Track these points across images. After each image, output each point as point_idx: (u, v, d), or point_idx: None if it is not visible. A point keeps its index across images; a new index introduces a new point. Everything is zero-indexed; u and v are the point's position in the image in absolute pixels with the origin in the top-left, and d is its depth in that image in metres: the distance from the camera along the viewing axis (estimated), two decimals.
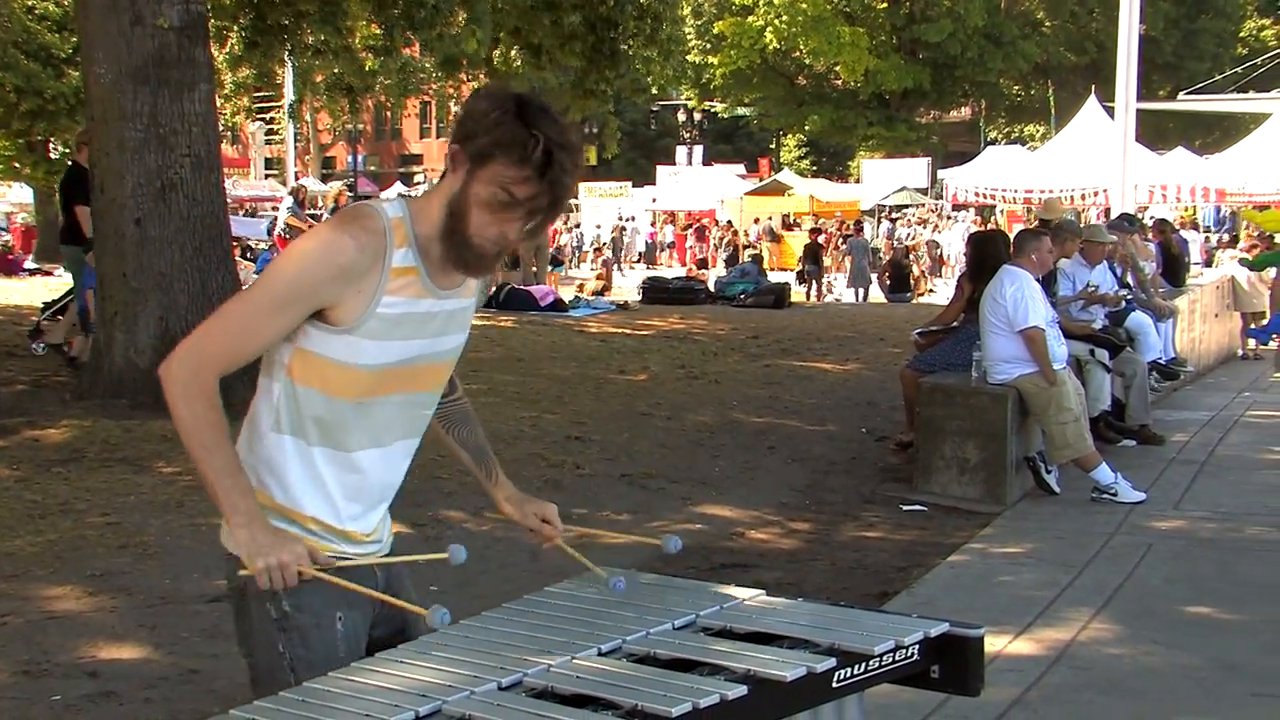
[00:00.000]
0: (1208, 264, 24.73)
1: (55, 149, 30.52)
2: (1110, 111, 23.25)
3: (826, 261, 31.48)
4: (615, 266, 32.91)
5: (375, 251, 2.53)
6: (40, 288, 18.98)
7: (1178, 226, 22.39)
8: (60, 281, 19.92)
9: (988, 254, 9.35)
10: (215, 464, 2.51)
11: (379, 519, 2.80)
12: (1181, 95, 36.59)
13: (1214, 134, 44.51)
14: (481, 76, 19.22)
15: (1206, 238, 31.48)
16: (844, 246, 31.60)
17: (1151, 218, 19.14)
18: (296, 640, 2.61)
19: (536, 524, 2.96)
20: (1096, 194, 26.30)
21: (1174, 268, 14.98)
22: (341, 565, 2.62)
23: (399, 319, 2.58)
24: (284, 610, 2.61)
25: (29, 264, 27.74)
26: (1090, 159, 26.29)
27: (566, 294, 21.14)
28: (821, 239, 31.45)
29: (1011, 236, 9.75)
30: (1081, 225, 11.91)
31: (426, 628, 2.62)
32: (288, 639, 2.62)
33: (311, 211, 22.37)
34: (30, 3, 27.02)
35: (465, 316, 2.75)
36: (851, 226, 33.91)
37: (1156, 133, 37.92)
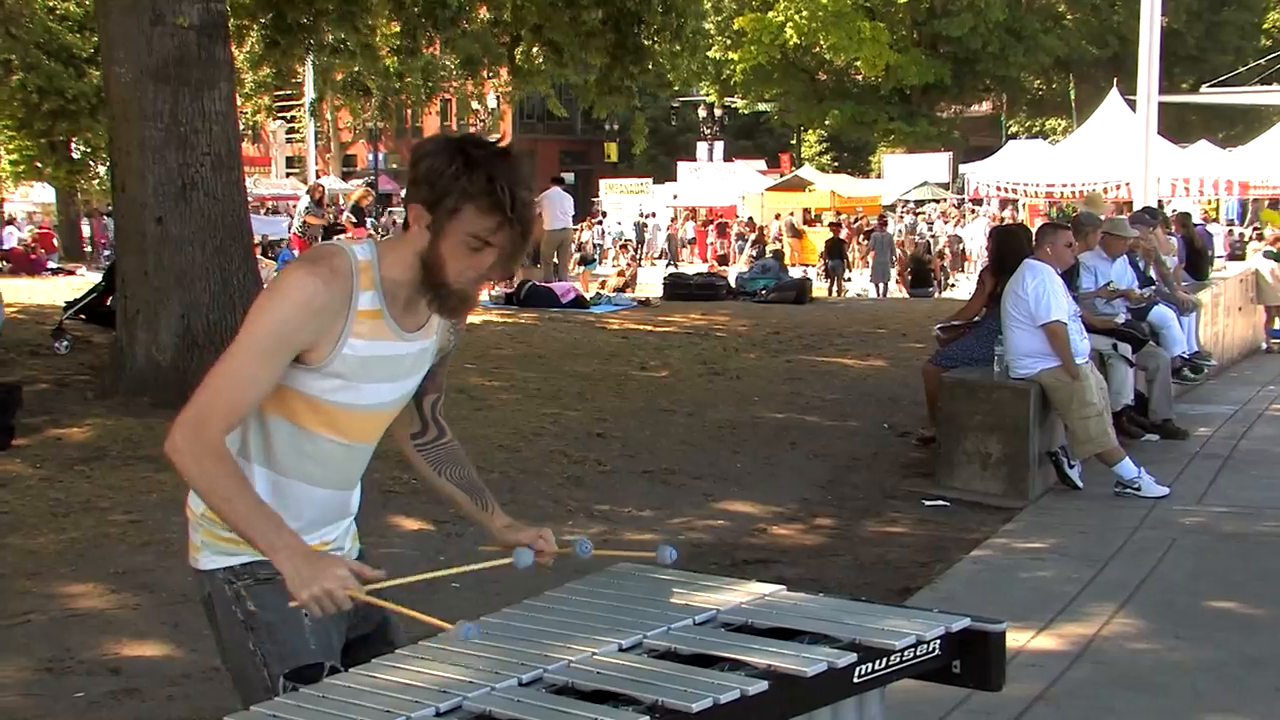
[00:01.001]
0: (1237, 257, 24.58)
1: (76, 149, 30.65)
2: (1132, 105, 23.14)
3: (851, 256, 31.43)
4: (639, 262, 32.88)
5: (343, 293, 2.60)
6: (63, 287, 19.05)
7: (1201, 220, 22.30)
8: (83, 280, 20.01)
9: (1009, 248, 9.31)
10: (240, 510, 2.52)
11: (338, 533, 2.86)
12: (1204, 88, 36.43)
13: (1237, 127, 44.28)
14: (503, 74, 19.25)
15: (1230, 230, 31.32)
16: (866, 241, 31.52)
17: (1173, 211, 19.06)
18: (264, 636, 2.67)
19: (532, 540, 2.96)
20: (1118, 187, 26.18)
21: (1197, 261, 14.90)
22: (383, 585, 2.63)
23: (365, 361, 2.65)
24: (249, 610, 2.69)
25: (52, 264, 27.88)
26: (1112, 153, 26.18)
27: (592, 291, 21.16)
28: (843, 234, 31.39)
29: (1034, 231, 9.70)
30: (1104, 218, 11.82)
31: (400, 633, 2.77)
32: (256, 637, 2.68)
33: (332, 211, 22.40)
34: (51, 3, 27.15)
35: (425, 357, 2.81)
36: (875, 222, 33.82)
37: (1179, 126, 37.73)
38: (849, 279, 30.03)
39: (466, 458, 3.08)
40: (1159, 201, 21.79)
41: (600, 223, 41.68)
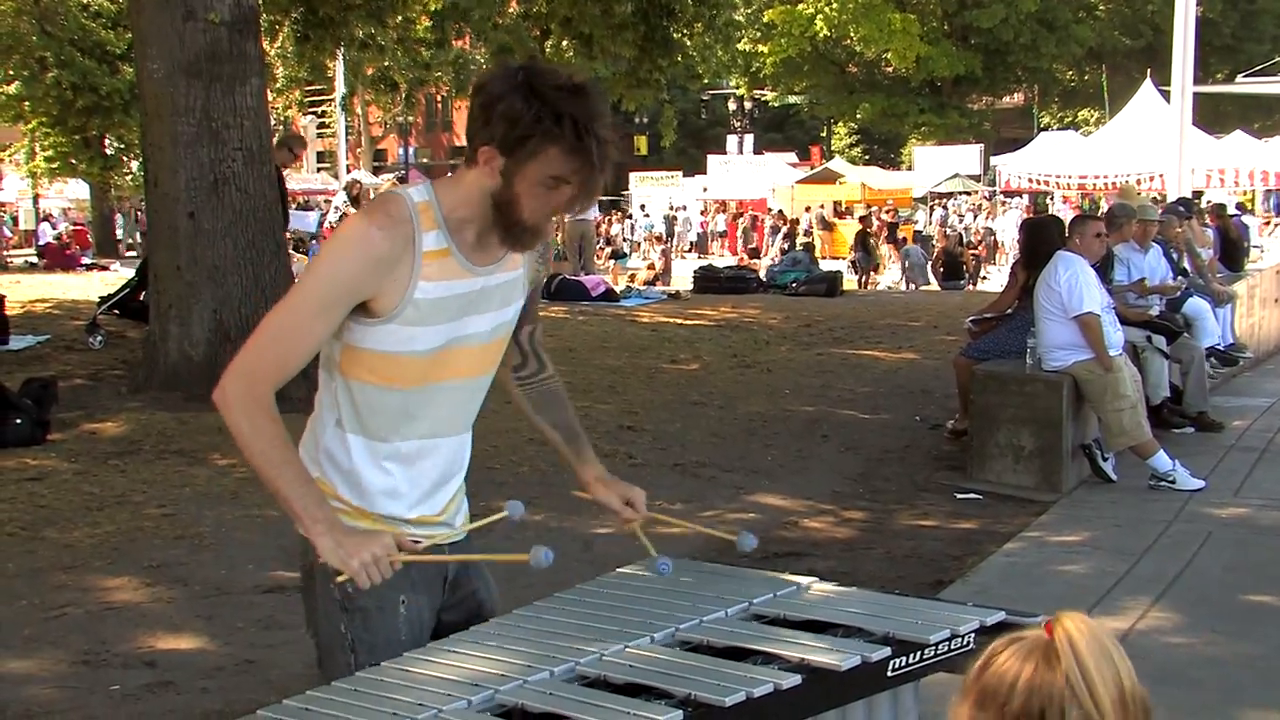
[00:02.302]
0: None
1: (110, 145, 30.84)
2: (1166, 95, 22.97)
3: (883, 250, 31.28)
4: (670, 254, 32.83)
5: (404, 238, 2.53)
6: (97, 282, 19.18)
7: (1237, 211, 22.10)
8: (117, 276, 20.13)
9: (1040, 240, 9.26)
10: (286, 477, 2.49)
11: (447, 499, 2.79)
12: (1240, 78, 36.08)
13: (1274, 116, 43.89)
14: None
15: (1266, 221, 31.07)
16: (892, 243, 31.26)
17: (1208, 202, 18.90)
18: (358, 622, 2.63)
19: (620, 506, 2.95)
20: (1152, 179, 26.00)
21: (1232, 252, 14.78)
22: (424, 549, 2.63)
23: (439, 302, 2.58)
24: (347, 592, 2.60)
25: (86, 259, 28.07)
26: (1145, 144, 25.97)
27: (622, 284, 21.17)
28: (872, 228, 31.27)
29: (1067, 223, 9.64)
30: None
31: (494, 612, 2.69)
32: (350, 620, 2.63)
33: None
34: (85, 0, 27.30)
35: (515, 289, 2.74)
36: (902, 217, 33.61)
37: (1214, 116, 37.44)
38: (878, 273, 29.91)
39: (566, 397, 3.06)
40: (1194, 193, 21.60)
41: (630, 217, 41.62)
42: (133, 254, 33.06)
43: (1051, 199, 35.06)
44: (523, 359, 2.96)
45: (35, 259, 31.33)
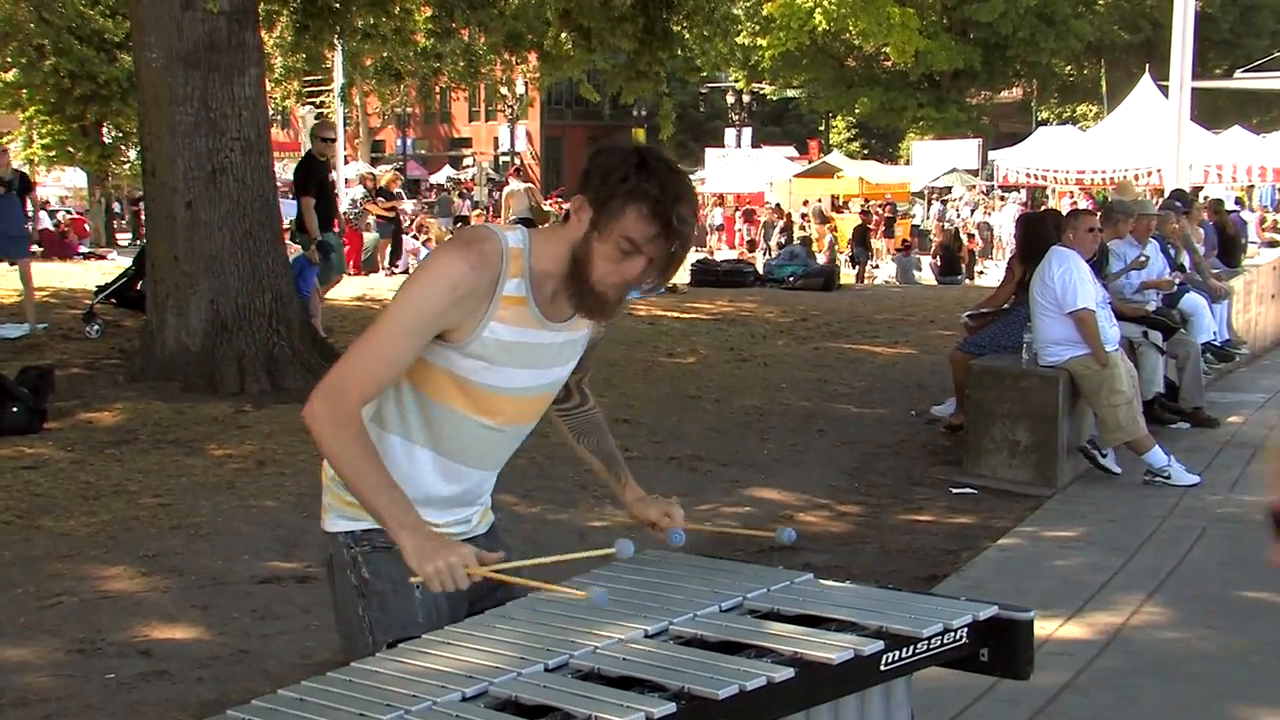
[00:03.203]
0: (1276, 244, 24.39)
1: (108, 133, 30.79)
2: (1164, 90, 22.95)
3: (877, 245, 31.28)
4: None
5: (490, 277, 2.64)
6: (94, 271, 19.17)
7: (1235, 206, 22.10)
8: (114, 265, 20.12)
9: (1037, 235, 9.27)
10: (371, 483, 2.57)
11: (472, 511, 2.94)
12: (1238, 73, 36.08)
13: (1272, 112, 43.93)
14: (531, 60, 19.22)
15: (1263, 218, 31.07)
16: (892, 256, 31.17)
17: (1205, 197, 18.91)
18: (375, 605, 2.75)
19: (660, 518, 3.07)
20: (1150, 174, 26.00)
21: (1230, 248, 14.80)
22: (499, 569, 2.66)
23: (509, 346, 2.69)
24: (363, 577, 2.77)
25: (83, 248, 28.03)
26: (1144, 139, 25.98)
27: None
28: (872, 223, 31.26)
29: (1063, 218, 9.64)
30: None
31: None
32: (367, 604, 2.76)
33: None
34: None
35: (576, 348, 2.87)
36: (904, 225, 33.52)
37: (1212, 111, 37.42)
38: (876, 266, 29.91)
39: (605, 427, 3.19)
40: (1192, 188, 21.59)
41: None
42: (124, 240, 33.08)
43: (1050, 194, 35.02)
44: (567, 394, 3.11)
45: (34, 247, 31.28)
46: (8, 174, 13.30)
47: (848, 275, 26.17)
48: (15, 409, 8.55)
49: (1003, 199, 37.02)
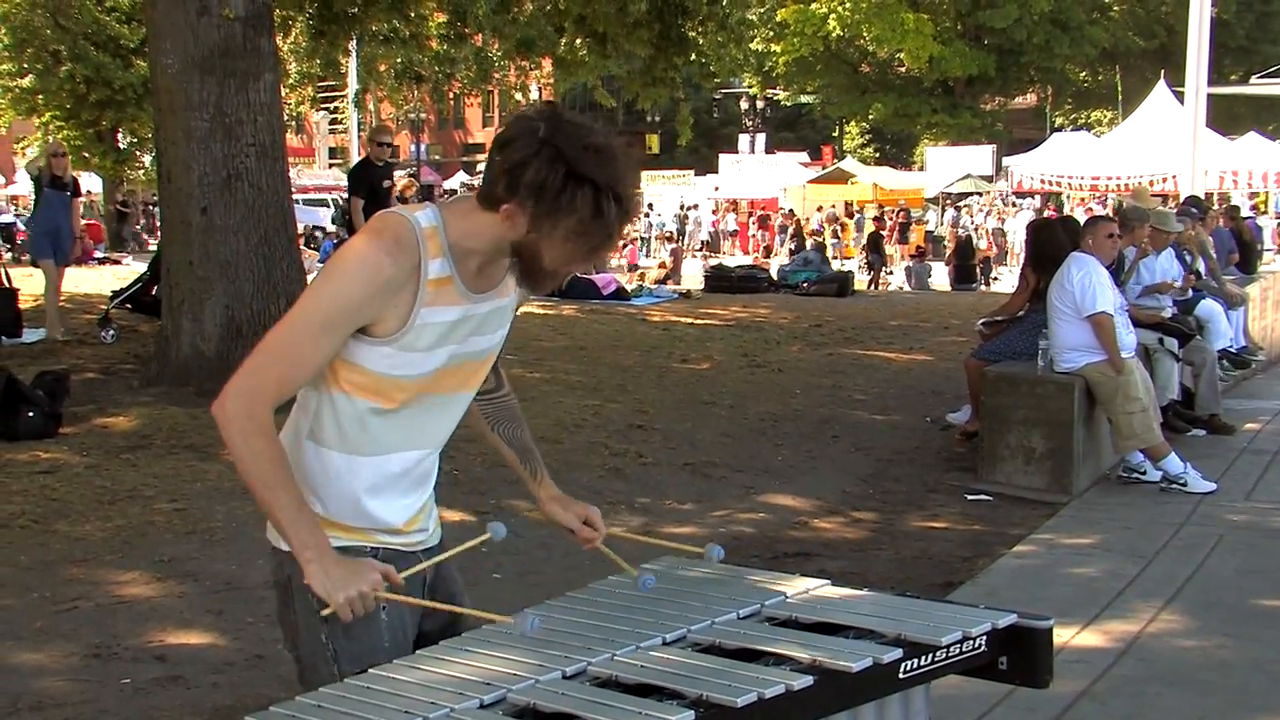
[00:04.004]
0: None
1: (123, 139, 30.91)
2: (1180, 96, 22.88)
3: (891, 251, 31.25)
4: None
5: (411, 264, 2.52)
6: (109, 276, 19.22)
7: (1251, 213, 22.03)
8: (129, 270, 20.18)
9: (1046, 243, 9.27)
10: (281, 501, 2.49)
11: (419, 507, 2.78)
12: (1254, 79, 35.97)
13: None
14: (545, 65, 19.24)
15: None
16: (907, 262, 31.18)
17: (1221, 203, 18.85)
18: (339, 632, 2.59)
19: (578, 525, 2.94)
20: (1165, 180, 25.94)
21: (1246, 254, 14.75)
22: (408, 573, 2.64)
23: (441, 328, 2.59)
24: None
25: (98, 253, 28.11)
26: (1159, 145, 25.92)
27: (634, 283, 21.18)
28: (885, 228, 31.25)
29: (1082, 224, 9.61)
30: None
31: (478, 621, 2.66)
32: (330, 631, 2.60)
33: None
34: None
35: (504, 315, 2.74)
36: (919, 231, 33.50)
37: (1228, 118, 37.30)
38: (889, 272, 29.89)
39: (522, 416, 3.03)
40: (1207, 194, 21.53)
41: (646, 215, 41.63)
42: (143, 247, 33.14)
43: (1066, 200, 34.94)
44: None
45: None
46: (67, 177, 13.17)
47: (860, 281, 26.15)
48: (31, 414, 8.56)
49: (1016, 205, 36.97)
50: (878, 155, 58.67)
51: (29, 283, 14.59)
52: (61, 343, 12.22)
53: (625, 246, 30.76)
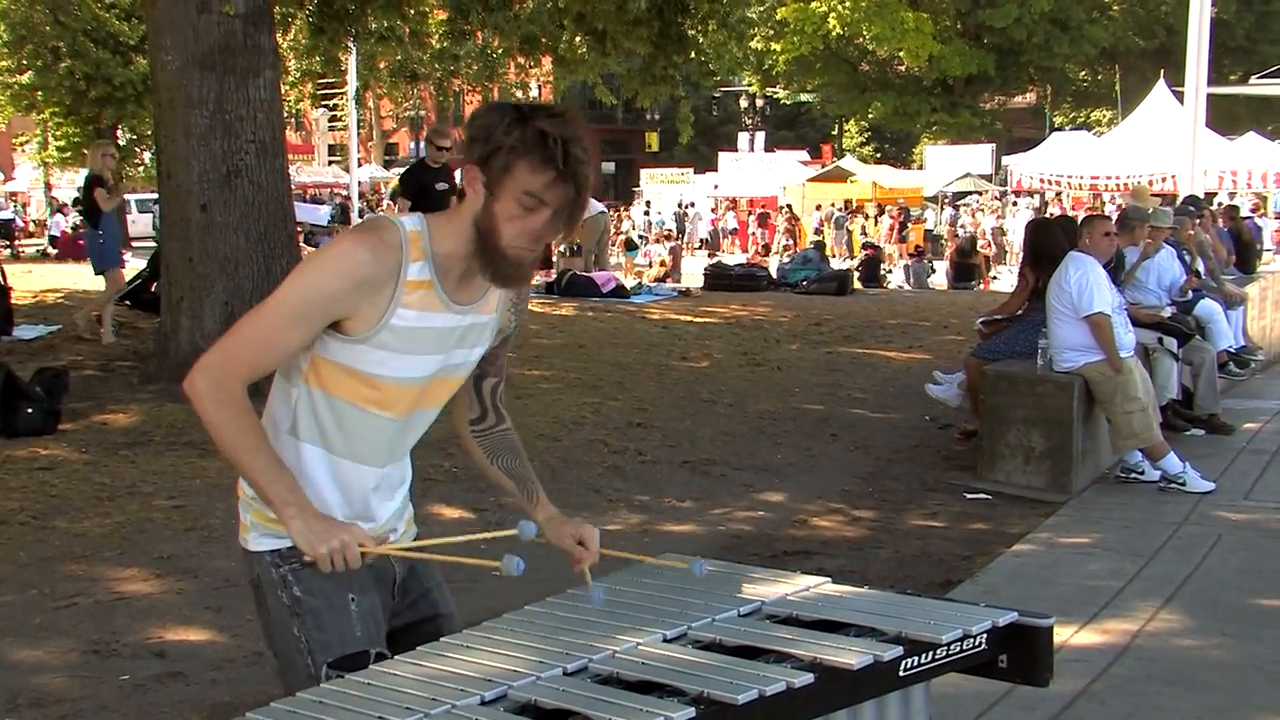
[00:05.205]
0: None
1: (123, 136, 30.90)
2: (1179, 96, 22.88)
3: (888, 250, 31.24)
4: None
5: (392, 264, 2.56)
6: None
7: (1250, 213, 22.04)
8: (129, 267, 20.14)
9: (1044, 242, 9.28)
10: (258, 464, 2.52)
11: (389, 514, 2.81)
12: (1254, 79, 35.98)
13: None
14: (545, 63, 19.22)
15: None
16: (906, 261, 31.17)
17: (1219, 204, 18.86)
18: (311, 624, 2.64)
19: (572, 546, 2.92)
20: (1164, 180, 25.95)
21: (1245, 254, 14.75)
22: (392, 550, 2.66)
23: (413, 332, 2.61)
24: (295, 596, 2.65)
25: None
26: (1158, 145, 25.95)
27: (633, 281, 21.17)
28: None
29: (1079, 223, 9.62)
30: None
31: (454, 625, 2.73)
32: (302, 623, 2.64)
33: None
34: None
35: (483, 333, 2.77)
36: (918, 230, 33.47)
37: (1228, 118, 37.31)
38: (889, 271, 29.87)
39: (521, 447, 3.04)
40: (1206, 194, 21.52)
41: (645, 211, 41.62)
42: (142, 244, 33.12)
43: (1065, 199, 34.95)
44: (482, 413, 2.97)
45: (48, 248, 31.39)
46: (111, 177, 12.88)
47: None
48: (30, 410, 8.57)
49: (1014, 204, 36.97)
50: (877, 154, 58.64)
51: (27, 280, 14.57)
52: (60, 339, 12.20)
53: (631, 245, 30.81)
